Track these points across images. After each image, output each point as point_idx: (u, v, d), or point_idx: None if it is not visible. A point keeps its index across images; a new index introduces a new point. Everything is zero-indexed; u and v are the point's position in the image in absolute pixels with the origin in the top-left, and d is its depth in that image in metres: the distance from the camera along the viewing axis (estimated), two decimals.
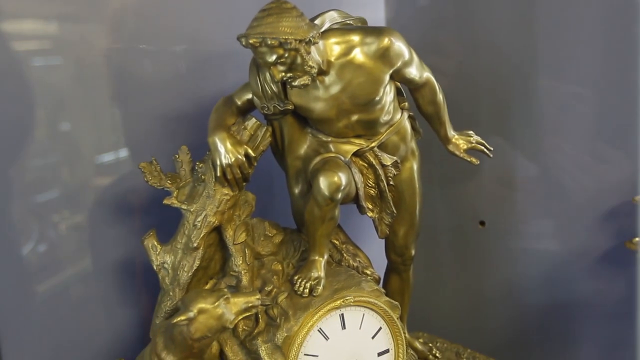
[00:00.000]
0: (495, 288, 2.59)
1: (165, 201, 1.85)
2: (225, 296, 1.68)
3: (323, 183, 1.75)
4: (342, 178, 1.76)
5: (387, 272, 2.18)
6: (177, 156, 1.88)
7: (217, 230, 1.88)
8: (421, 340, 2.27)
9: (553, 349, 2.55)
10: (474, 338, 2.31)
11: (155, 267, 1.87)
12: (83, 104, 2.02)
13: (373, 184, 1.97)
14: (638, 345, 2.46)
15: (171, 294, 1.86)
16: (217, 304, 1.66)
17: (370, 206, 1.98)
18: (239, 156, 1.78)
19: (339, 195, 1.76)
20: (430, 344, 2.27)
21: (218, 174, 1.78)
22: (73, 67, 1.99)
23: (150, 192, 2.03)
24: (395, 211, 2.00)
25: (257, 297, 1.72)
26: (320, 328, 1.82)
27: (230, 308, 1.67)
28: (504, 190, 2.56)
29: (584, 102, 2.37)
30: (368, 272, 2.01)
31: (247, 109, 1.90)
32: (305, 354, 1.80)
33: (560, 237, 2.51)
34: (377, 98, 1.82)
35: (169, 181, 1.86)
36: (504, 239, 2.56)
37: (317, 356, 1.82)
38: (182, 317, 1.63)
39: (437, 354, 2.24)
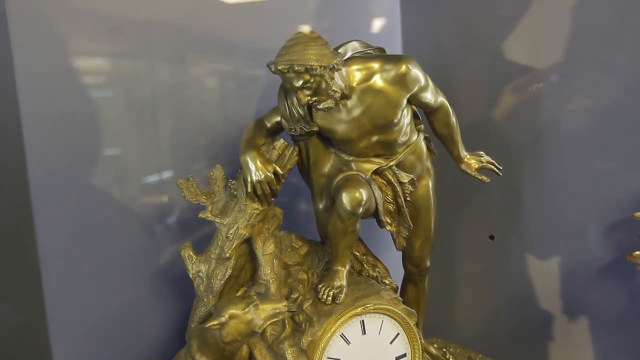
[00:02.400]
0: (503, 297, 2.56)
1: (201, 215, 1.85)
2: (255, 303, 1.67)
3: (345, 198, 1.74)
4: (363, 194, 1.75)
5: (404, 281, 2.16)
6: (212, 174, 1.88)
7: (248, 242, 1.89)
8: (435, 345, 2.24)
9: (558, 355, 2.50)
10: (485, 344, 2.28)
11: (190, 276, 1.88)
12: (131, 132, 2.05)
13: (391, 200, 1.96)
14: None
15: (205, 300, 1.86)
16: (247, 310, 1.65)
17: (388, 220, 1.96)
18: (268, 174, 1.79)
19: (360, 210, 1.75)
20: (444, 349, 2.24)
21: (249, 189, 1.79)
22: (123, 99, 2.02)
23: (187, 208, 2.04)
24: (411, 225, 1.99)
25: (284, 304, 1.71)
26: (342, 333, 1.80)
27: (259, 314, 1.67)
28: (512, 207, 2.53)
29: (587, 119, 2.33)
30: (387, 281, 2.00)
31: (275, 131, 1.90)
32: (328, 358, 1.79)
33: (564, 250, 2.48)
34: (395, 120, 1.81)
35: (204, 197, 1.87)
36: (512, 252, 2.53)
37: (339, 359, 1.80)
38: (215, 322, 1.63)
39: (451, 359, 2.20)
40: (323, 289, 1.83)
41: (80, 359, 1.98)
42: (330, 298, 1.81)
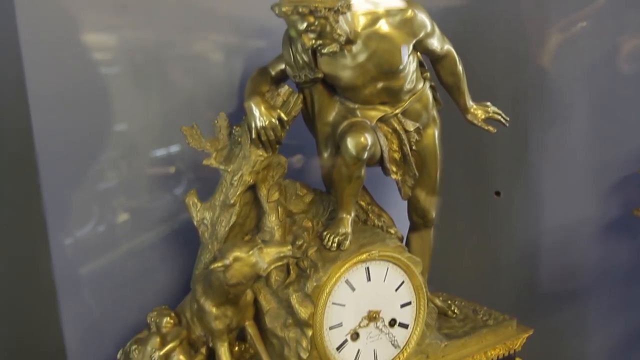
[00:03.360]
0: (509, 253, 2.51)
1: (205, 162, 1.80)
2: (259, 246, 1.63)
3: (350, 143, 1.69)
4: (368, 138, 1.70)
5: (409, 233, 2.11)
6: (216, 122, 1.83)
7: (252, 191, 1.83)
8: (441, 298, 2.18)
9: (563, 308, 2.45)
10: (490, 299, 2.22)
11: (195, 223, 1.83)
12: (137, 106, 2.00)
13: (397, 149, 1.90)
14: None
15: (210, 247, 1.82)
16: (251, 253, 1.61)
17: (394, 169, 1.91)
18: (273, 119, 1.73)
19: (365, 155, 1.70)
20: (449, 301, 2.18)
21: (253, 136, 1.73)
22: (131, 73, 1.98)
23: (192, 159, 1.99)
24: (417, 174, 1.94)
25: (289, 247, 1.66)
26: (347, 279, 1.75)
27: (264, 257, 1.62)
28: (518, 163, 2.47)
29: (596, 74, 2.26)
30: (392, 231, 1.95)
31: (280, 79, 1.84)
32: (333, 303, 1.74)
33: (571, 206, 2.42)
34: (401, 67, 1.75)
35: (208, 144, 1.81)
36: (518, 208, 2.47)
37: (344, 305, 1.76)
38: (219, 264, 1.59)
39: (456, 310, 2.15)
40: (328, 236, 1.78)
41: (86, 305, 1.94)
42: (335, 245, 1.76)
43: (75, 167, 1.90)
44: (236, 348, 1.83)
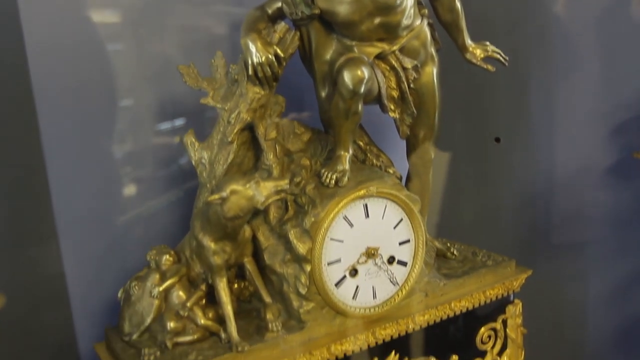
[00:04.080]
0: (510, 199, 2.48)
1: (202, 100, 1.77)
2: (256, 180, 1.60)
3: (347, 76, 1.65)
4: (364, 72, 1.65)
5: (408, 175, 2.07)
6: (213, 61, 1.78)
7: (250, 131, 1.80)
8: (440, 241, 2.15)
9: (562, 253, 2.42)
10: (490, 244, 2.18)
11: (193, 163, 1.80)
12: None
13: (395, 86, 1.85)
14: None
15: (208, 186, 1.79)
16: (248, 186, 1.58)
17: (392, 107, 1.87)
18: (269, 55, 1.68)
19: (362, 89, 1.66)
20: (449, 244, 2.16)
21: (250, 72, 1.69)
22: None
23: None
24: (415, 112, 1.89)
25: (286, 182, 1.63)
26: (345, 215, 1.72)
27: (261, 190, 1.59)
28: (518, 109, 2.42)
29: (596, 15, 2.19)
30: (390, 170, 1.92)
31: (277, 17, 1.79)
32: (331, 239, 1.71)
33: (571, 151, 2.38)
34: (398, 1, 1.69)
35: (205, 83, 1.77)
36: (518, 154, 2.43)
37: (342, 241, 1.74)
38: (216, 196, 1.56)
39: (455, 252, 2.13)
40: (326, 173, 1.74)
41: (85, 242, 1.93)
42: (333, 182, 1.73)
43: (73, 109, 1.87)
44: (235, 285, 1.82)
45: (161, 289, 1.68)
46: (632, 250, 2.34)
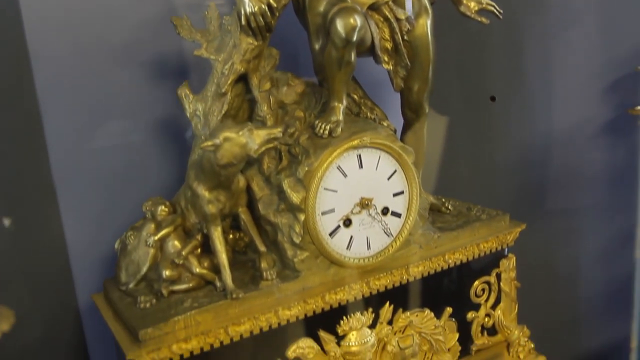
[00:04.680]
0: (505, 157, 2.46)
1: (196, 52, 1.74)
2: (249, 127, 1.58)
3: (340, 24, 1.62)
4: (357, 20, 1.62)
5: (403, 130, 2.05)
6: (207, 13, 1.75)
7: (245, 83, 1.77)
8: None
9: (557, 210, 2.41)
10: (485, 202, 2.16)
11: (188, 115, 1.78)
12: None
13: (388, 38, 1.83)
14: (638, 208, 2.30)
15: (202, 138, 1.75)
16: (241, 133, 1.57)
17: (386, 58, 1.84)
18: (262, 5, 1.65)
19: (355, 37, 1.63)
20: (444, 199, 2.14)
21: (242, 22, 1.66)
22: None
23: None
24: (409, 64, 1.87)
25: (279, 129, 1.62)
26: (339, 165, 1.71)
27: (254, 138, 1.58)
28: (513, 67, 2.38)
29: None
30: (384, 123, 1.89)
31: None
32: (325, 188, 1.70)
33: (566, 109, 2.35)
34: None
35: (199, 34, 1.74)
36: (513, 112, 2.40)
37: (336, 191, 1.72)
38: (209, 143, 1.55)
39: (450, 207, 2.11)
40: (319, 123, 1.73)
41: (83, 199, 1.92)
42: (326, 132, 1.71)
43: (69, 66, 1.84)
44: (230, 236, 1.81)
45: (156, 238, 1.67)
46: (625, 208, 2.32)
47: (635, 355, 1.17)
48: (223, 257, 1.65)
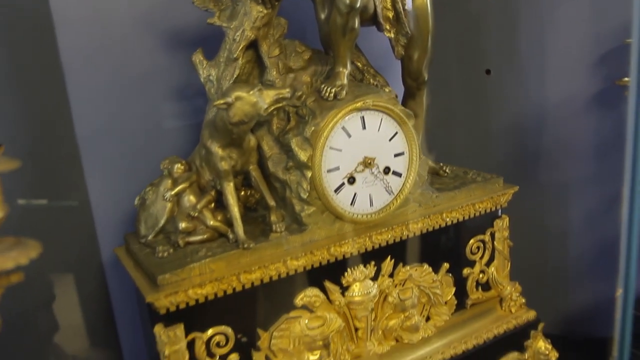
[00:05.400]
0: (499, 127, 2.42)
1: (209, 20, 1.71)
2: (259, 88, 1.56)
3: None
4: None
5: (404, 98, 2.02)
6: None
7: (255, 49, 1.74)
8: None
9: (548, 176, 2.37)
10: (480, 169, 2.13)
11: (202, 80, 1.76)
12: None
13: (390, 7, 1.80)
14: (625, 177, 2.25)
15: (216, 97, 1.72)
16: (252, 93, 1.55)
17: (387, 27, 1.81)
18: None
19: (358, 3, 1.60)
20: (442, 164, 2.11)
21: None
22: None
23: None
24: (409, 32, 1.82)
25: (288, 90, 1.59)
26: (343, 126, 1.68)
27: (264, 98, 1.55)
28: (508, 41, 2.33)
29: None
30: (386, 89, 1.85)
31: None
32: (330, 147, 1.68)
33: (558, 81, 2.31)
34: None
35: (212, 3, 1.71)
36: (507, 85, 2.35)
37: (341, 150, 1.70)
38: (222, 101, 1.53)
39: (447, 170, 2.08)
40: (325, 87, 1.70)
41: (106, 159, 1.90)
42: (332, 95, 1.68)
43: (92, 24, 1.83)
44: (242, 193, 1.78)
45: (173, 193, 1.65)
46: (612, 173, 2.28)
47: (620, 302, 1.15)
48: (235, 211, 1.63)
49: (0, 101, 1.71)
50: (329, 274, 1.72)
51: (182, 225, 1.63)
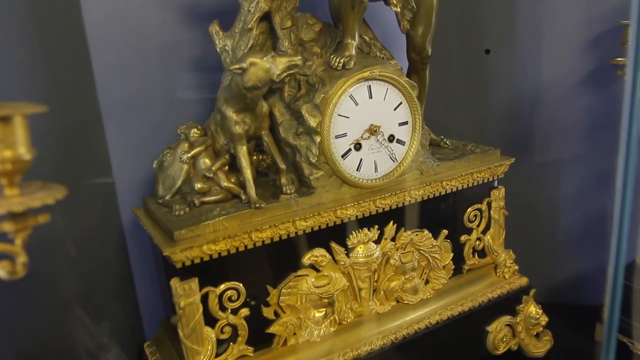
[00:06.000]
0: (497, 105, 2.37)
1: None
2: (273, 55, 1.52)
3: None
4: None
5: (408, 72, 1.97)
6: None
7: (268, 21, 1.70)
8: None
9: (542, 152, 2.33)
10: (478, 142, 2.09)
11: (218, 50, 1.72)
12: None
13: None
14: (620, 155, 2.21)
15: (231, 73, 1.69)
16: (265, 59, 1.51)
17: (394, 1, 1.76)
18: None
19: None
20: (442, 136, 2.07)
21: None
22: None
23: None
24: (415, 7, 1.78)
25: (299, 57, 1.56)
26: (351, 94, 1.65)
27: (277, 64, 1.52)
28: (506, 22, 2.28)
29: None
30: (392, 62, 1.81)
31: None
32: (338, 114, 1.64)
33: (553, 60, 2.25)
34: None
35: None
36: (505, 64, 2.31)
37: (348, 117, 1.66)
38: (237, 66, 1.50)
39: (447, 142, 2.05)
40: (335, 58, 1.66)
41: (127, 124, 1.88)
42: (340, 65, 1.65)
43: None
44: (255, 157, 1.75)
45: (190, 155, 1.63)
46: (602, 152, 2.24)
47: (612, 269, 1.12)
48: (248, 173, 1.60)
49: (30, 72, 1.68)
50: (335, 235, 1.70)
51: (198, 185, 1.61)
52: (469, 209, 1.98)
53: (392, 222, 1.80)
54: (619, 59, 2.07)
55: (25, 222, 0.93)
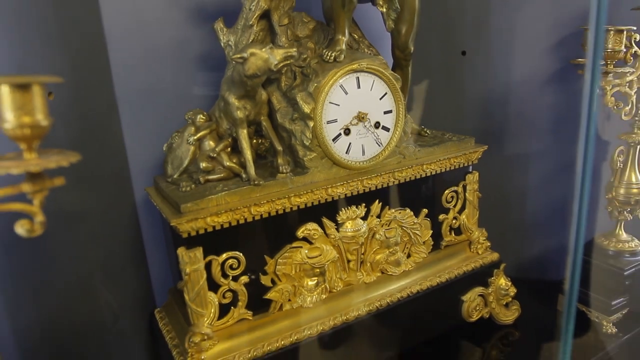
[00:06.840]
0: (472, 102, 2.36)
1: None
2: (271, 46, 1.51)
3: None
4: None
5: (392, 68, 1.95)
6: None
7: (267, 19, 1.68)
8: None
9: (512, 143, 2.32)
10: (455, 133, 2.08)
11: (222, 45, 1.70)
12: None
13: None
14: (579, 147, 2.20)
15: (234, 63, 1.66)
16: (264, 50, 1.50)
17: (380, 2, 1.74)
18: None
19: None
20: (423, 127, 2.06)
21: None
22: None
23: None
24: (399, 7, 1.77)
25: (295, 49, 1.55)
26: (341, 84, 1.63)
27: (275, 55, 1.50)
28: (480, 26, 2.27)
29: None
30: (379, 57, 1.79)
31: None
32: (330, 102, 1.63)
33: (522, 61, 2.24)
34: None
35: None
36: (480, 65, 2.30)
37: (339, 105, 1.65)
38: (238, 55, 1.48)
39: (427, 132, 2.04)
40: (327, 52, 1.65)
41: (140, 112, 1.85)
42: (332, 58, 1.64)
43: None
44: (254, 141, 1.73)
45: (196, 137, 1.61)
46: (565, 144, 2.24)
47: (572, 245, 1.11)
48: (248, 154, 1.58)
49: (50, 62, 1.65)
50: (326, 211, 1.69)
51: (203, 165, 1.59)
52: (447, 191, 1.97)
53: (377, 200, 1.79)
54: (579, 59, 2.06)
55: (42, 184, 0.91)
